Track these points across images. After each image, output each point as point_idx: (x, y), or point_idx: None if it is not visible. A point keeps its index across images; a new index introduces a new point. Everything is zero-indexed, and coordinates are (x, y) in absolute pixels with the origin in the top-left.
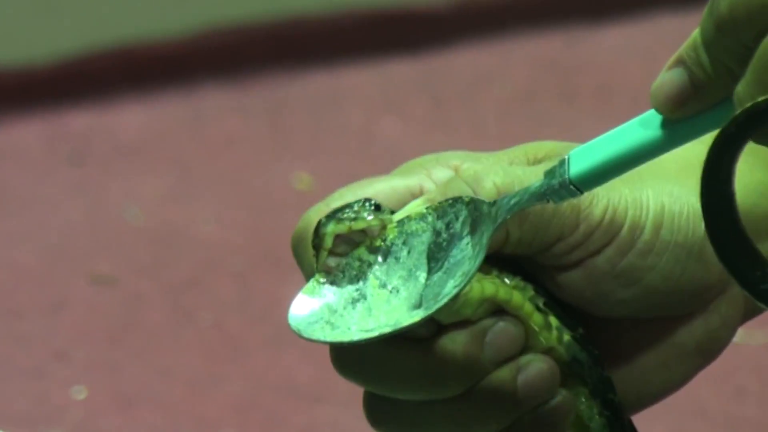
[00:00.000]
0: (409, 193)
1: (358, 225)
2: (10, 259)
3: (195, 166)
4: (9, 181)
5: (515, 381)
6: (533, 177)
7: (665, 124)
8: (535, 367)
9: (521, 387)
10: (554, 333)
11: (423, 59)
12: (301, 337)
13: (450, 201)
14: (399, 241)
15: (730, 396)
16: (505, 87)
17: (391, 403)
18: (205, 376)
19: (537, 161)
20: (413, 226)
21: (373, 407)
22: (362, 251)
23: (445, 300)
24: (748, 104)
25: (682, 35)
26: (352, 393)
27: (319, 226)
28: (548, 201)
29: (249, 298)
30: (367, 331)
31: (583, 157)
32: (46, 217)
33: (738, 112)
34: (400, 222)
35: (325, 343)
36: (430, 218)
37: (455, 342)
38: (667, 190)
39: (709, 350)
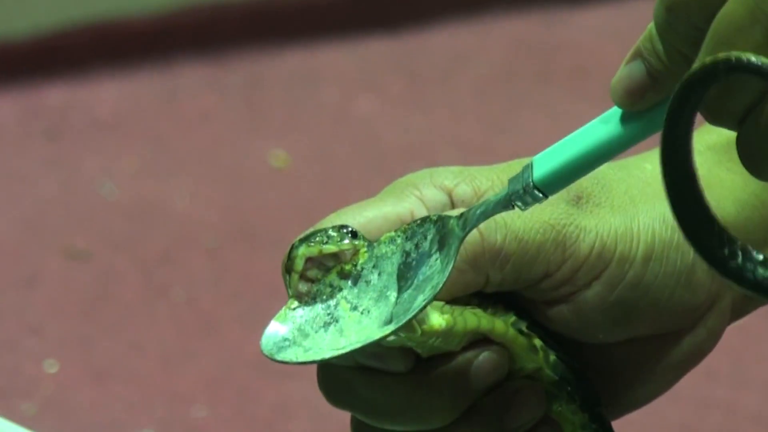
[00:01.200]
0: (399, 221)
1: (329, 248)
2: None
3: (170, 142)
4: None
5: (502, 407)
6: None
7: (625, 120)
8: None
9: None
10: (540, 354)
11: (400, 38)
12: (273, 360)
13: (418, 221)
14: (369, 265)
15: (701, 378)
16: (482, 67)
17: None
18: (178, 351)
19: None
20: (383, 249)
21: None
22: (333, 277)
23: (415, 312)
24: (691, 69)
25: None
26: None
27: (292, 249)
28: (514, 207)
29: (223, 275)
30: (338, 349)
31: (546, 161)
32: (21, 191)
33: (682, 78)
34: (370, 246)
35: (297, 363)
36: (399, 240)
37: (442, 376)
38: (659, 215)
39: (694, 360)
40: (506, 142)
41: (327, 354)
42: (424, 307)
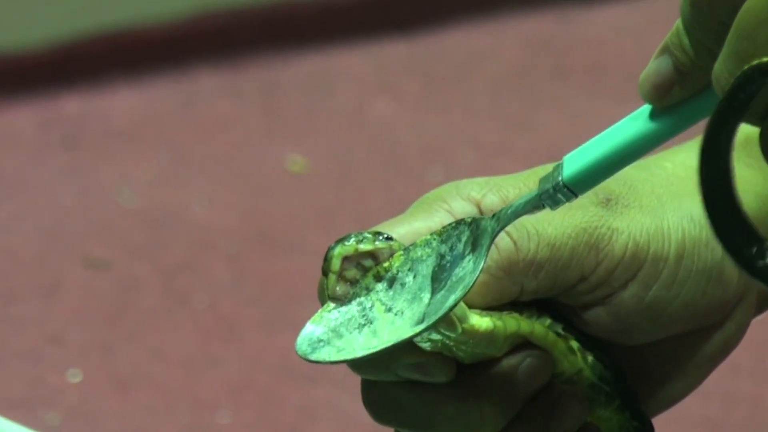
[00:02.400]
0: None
1: (365, 246)
2: (4, 244)
3: (188, 148)
4: (2, 165)
5: (546, 413)
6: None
7: (654, 117)
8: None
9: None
10: (578, 355)
11: (415, 39)
12: (306, 359)
13: (453, 224)
14: (405, 268)
15: (725, 372)
16: (498, 66)
17: None
18: (200, 357)
19: None
20: (418, 252)
21: None
22: (369, 280)
23: (446, 310)
24: (738, 73)
25: (675, 14)
26: (348, 374)
27: (328, 251)
28: (544, 207)
29: (243, 280)
30: (370, 348)
31: (576, 160)
32: (40, 201)
33: (730, 85)
34: (406, 249)
35: (330, 362)
36: (434, 243)
37: (488, 384)
38: (687, 213)
39: (723, 354)
40: (523, 141)
41: (359, 353)
42: (455, 304)
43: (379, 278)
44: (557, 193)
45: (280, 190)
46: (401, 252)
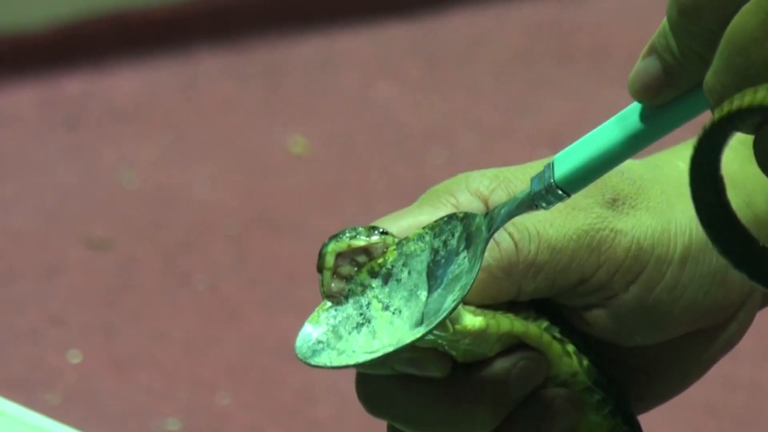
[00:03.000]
0: None
1: (358, 242)
2: (5, 224)
3: (190, 129)
4: (4, 145)
5: (538, 415)
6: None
7: (645, 116)
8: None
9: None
10: (574, 359)
11: (418, 22)
12: (307, 364)
13: (445, 218)
14: (399, 263)
15: (725, 359)
16: (500, 49)
17: None
18: (201, 338)
19: None
20: (411, 246)
21: None
22: (364, 276)
23: (445, 314)
24: (725, 108)
25: None
26: None
27: (321, 248)
28: (537, 207)
29: (244, 261)
30: (371, 352)
31: (567, 159)
32: (41, 181)
33: (715, 117)
34: (399, 244)
35: (331, 368)
36: (427, 237)
37: (481, 384)
38: (696, 215)
39: (725, 352)
40: (526, 124)
41: (361, 358)
42: (455, 308)
43: (374, 274)
44: (549, 193)
45: (281, 172)
46: (394, 246)
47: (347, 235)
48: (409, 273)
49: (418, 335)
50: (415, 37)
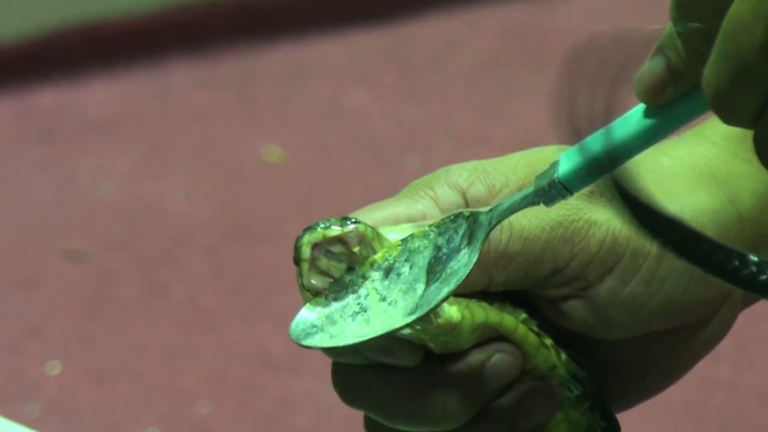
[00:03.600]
0: (410, 222)
1: (332, 232)
2: None
3: (164, 140)
4: None
5: (514, 409)
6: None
7: (649, 116)
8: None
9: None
10: (552, 352)
11: (390, 29)
12: (298, 344)
13: (451, 217)
14: (402, 258)
15: (704, 359)
16: (472, 54)
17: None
18: (179, 349)
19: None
20: (416, 243)
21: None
22: (366, 268)
23: (436, 303)
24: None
25: (651, 0)
26: (327, 364)
27: (296, 240)
28: (539, 203)
29: (221, 271)
30: (362, 336)
31: (572, 158)
32: (16, 194)
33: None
34: (404, 240)
35: (321, 348)
36: (432, 235)
37: (455, 376)
38: (677, 210)
39: (706, 350)
40: (499, 129)
41: (350, 340)
42: (447, 296)
43: (376, 267)
44: (552, 190)
45: (256, 181)
46: (399, 242)
47: (321, 225)
48: (411, 268)
49: (408, 321)
50: (387, 43)
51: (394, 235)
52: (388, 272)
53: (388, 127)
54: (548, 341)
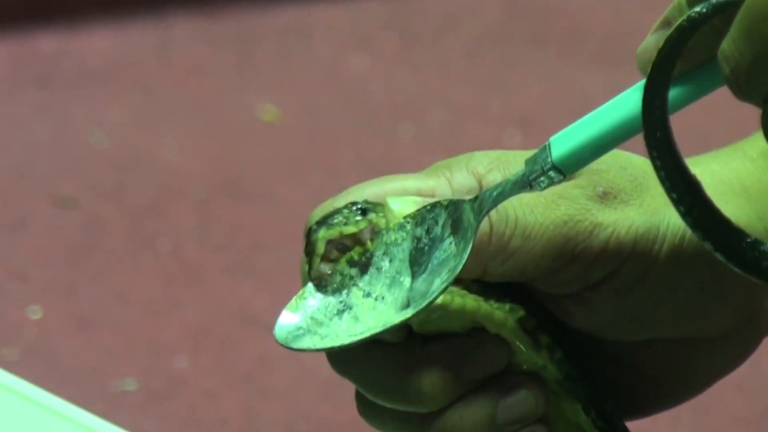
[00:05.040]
0: (418, 194)
1: (349, 230)
2: None
3: (161, 93)
4: None
5: (495, 405)
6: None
7: None
8: (519, 393)
9: (501, 412)
10: (544, 352)
11: None
12: (290, 348)
13: (428, 207)
14: (379, 252)
15: None
16: (475, 27)
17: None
18: (162, 301)
19: None
20: (392, 236)
21: (362, 403)
22: (342, 266)
23: (434, 295)
24: (681, 18)
25: None
26: None
27: (310, 232)
28: (532, 188)
29: (208, 226)
30: (355, 335)
31: (564, 140)
32: (11, 137)
33: (673, 28)
34: (379, 234)
35: (315, 350)
36: (408, 226)
37: (437, 359)
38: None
39: (726, 369)
40: (497, 104)
41: (346, 340)
42: (444, 289)
43: (353, 263)
44: (545, 174)
45: (250, 139)
46: (381, 228)
47: (336, 220)
48: (391, 261)
49: (407, 315)
50: (390, 11)
51: (397, 205)
52: (365, 267)
53: (386, 95)
54: (544, 340)
